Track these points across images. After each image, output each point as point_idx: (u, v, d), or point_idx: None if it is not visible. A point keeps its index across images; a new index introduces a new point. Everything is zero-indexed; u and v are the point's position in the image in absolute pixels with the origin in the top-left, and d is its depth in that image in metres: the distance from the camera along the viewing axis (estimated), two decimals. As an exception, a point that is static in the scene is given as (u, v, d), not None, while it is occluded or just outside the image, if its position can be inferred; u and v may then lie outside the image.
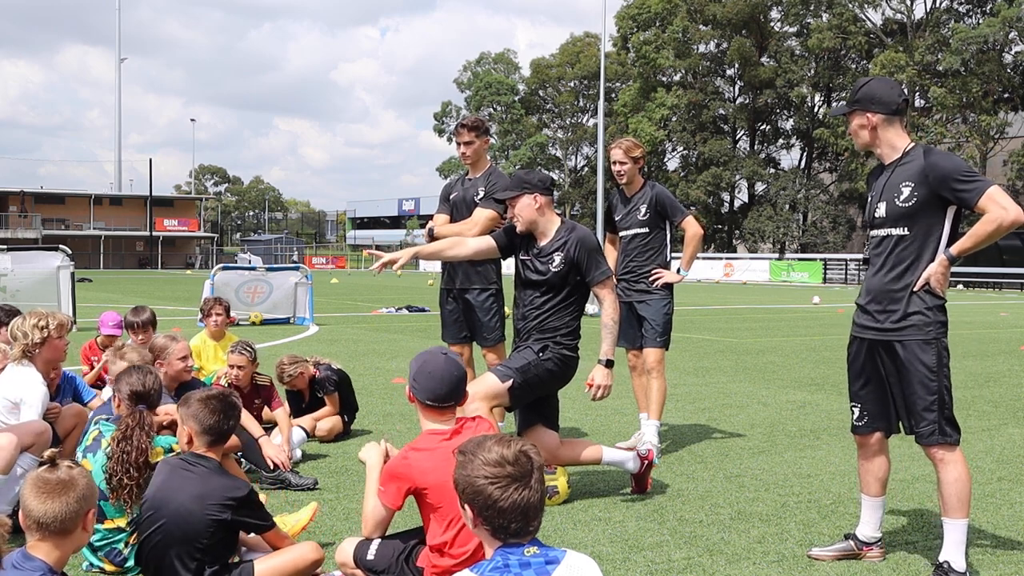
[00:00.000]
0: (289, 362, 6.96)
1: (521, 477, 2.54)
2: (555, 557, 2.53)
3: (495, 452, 2.58)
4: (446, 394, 3.70)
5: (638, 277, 6.65)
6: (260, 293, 17.48)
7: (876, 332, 4.22)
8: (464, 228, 6.39)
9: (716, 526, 4.86)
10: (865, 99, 4.20)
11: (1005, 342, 15.60)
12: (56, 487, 2.90)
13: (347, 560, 3.74)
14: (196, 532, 3.56)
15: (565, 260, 5.12)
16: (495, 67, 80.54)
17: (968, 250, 4.06)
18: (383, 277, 50.91)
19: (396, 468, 3.58)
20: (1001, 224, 3.95)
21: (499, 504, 2.52)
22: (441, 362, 3.75)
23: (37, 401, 4.67)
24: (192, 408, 3.75)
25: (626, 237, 6.75)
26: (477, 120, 6.63)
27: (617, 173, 6.69)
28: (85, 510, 2.96)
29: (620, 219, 6.78)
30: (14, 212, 72.19)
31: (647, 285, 6.61)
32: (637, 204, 6.70)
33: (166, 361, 5.51)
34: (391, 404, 8.49)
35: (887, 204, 4.19)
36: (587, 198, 74.30)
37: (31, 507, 2.89)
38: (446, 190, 6.84)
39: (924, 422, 4.10)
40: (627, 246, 6.73)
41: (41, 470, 2.98)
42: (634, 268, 6.68)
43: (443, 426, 3.69)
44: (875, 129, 4.21)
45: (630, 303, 6.63)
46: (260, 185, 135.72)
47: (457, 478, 2.61)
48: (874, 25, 59.08)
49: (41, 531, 2.89)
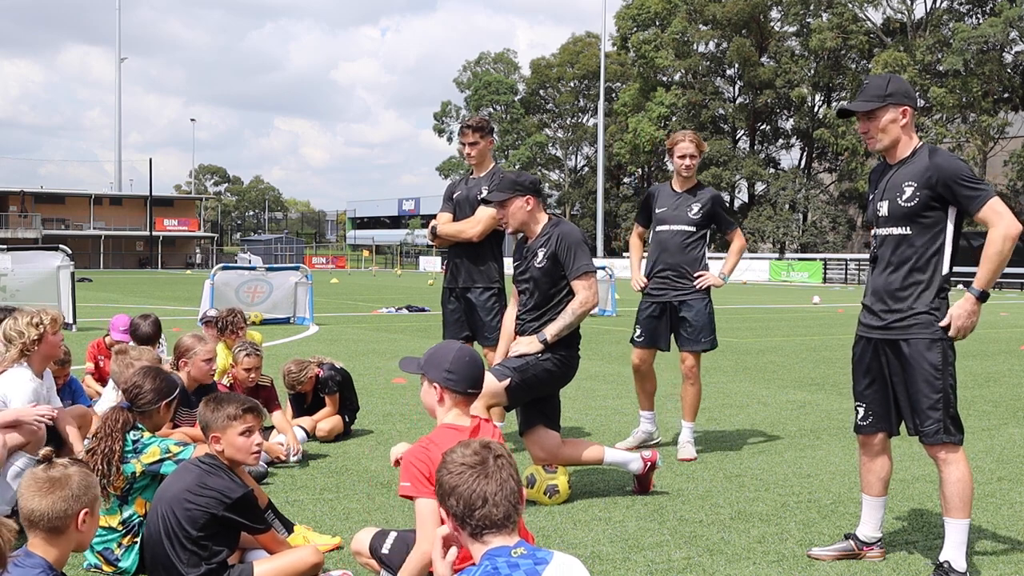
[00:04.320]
0: (297, 368, 6.92)
1: (478, 464, 2.66)
2: (543, 558, 2.54)
3: (456, 451, 2.73)
4: (481, 376, 3.72)
5: (680, 275, 6.42)
6: (260, 293, 17.47)
7: (881, 331, 4.21)
8: (466, 226, 6.41)
9: (716, 526, 4.86)
10: (899, 93, 4.14)
11: (1005, 342, 15.59)
12: (46, 484, 2.93)
13: (362, 549, 3.74)
14: (187, 520, 3.59)
15: (547, 255, 5.16)
16: (495, 67, 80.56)
17: (991, 280, 4.02)
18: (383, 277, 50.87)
19: (416, 457, 3.48)
20: (1010, 237, 3.95)
21: (461, 491, 2.62)
22: (467, 349, 3.76)
23: (20, 401, 4.65)
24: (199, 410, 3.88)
25: (666, 232, 6.46)
26: (482, 121, 6.63)
27: (684, 167, 6.39)
28: (76, 510, 2.94)
29: (663, 212, 6.47)
30: (14, 212, 72.20)
31: (689, 285, 6.41)
32: (689, 202, 6.44)
33: (191, 361, 5.53)
34: (391, 404, 8.48)
35: (889, 203, 4.18)
36: (587, 198, 74.33)
37: (23, 504, 2.95)
38: (449, 189, 6.83)
39: (929, 421, 4.09)
40: (667, 242, 6.44)
41: (38, 468, 3.00)
42: (675, 265, 6.42)
43: (463, 422, 3.63)
44: (905, 126, 4.16)
45: (666, 303, 6.45)
46: (260, 185, 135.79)
47: (436, 490, 2.72)
48: (874, 25, 59.07)
49: (33, 528, 2.93)
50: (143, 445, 4.12)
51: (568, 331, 5.15)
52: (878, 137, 4.19)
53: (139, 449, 4.10)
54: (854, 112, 4.22)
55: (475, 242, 6.47)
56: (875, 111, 4.16)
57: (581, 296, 5.15)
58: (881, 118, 4.16)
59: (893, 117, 4.15)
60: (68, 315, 15.18)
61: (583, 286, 5.15)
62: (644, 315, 6.55)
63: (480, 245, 6.50)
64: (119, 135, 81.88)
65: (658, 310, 6.45)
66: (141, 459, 4.08)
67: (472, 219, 6.41)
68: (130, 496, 4.11)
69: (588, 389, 9.42)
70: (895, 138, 4.18)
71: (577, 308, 5.13)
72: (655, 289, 6.49)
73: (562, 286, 5.20)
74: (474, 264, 6.49)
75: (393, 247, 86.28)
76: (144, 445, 4.12)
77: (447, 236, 6.55)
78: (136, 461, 4.07)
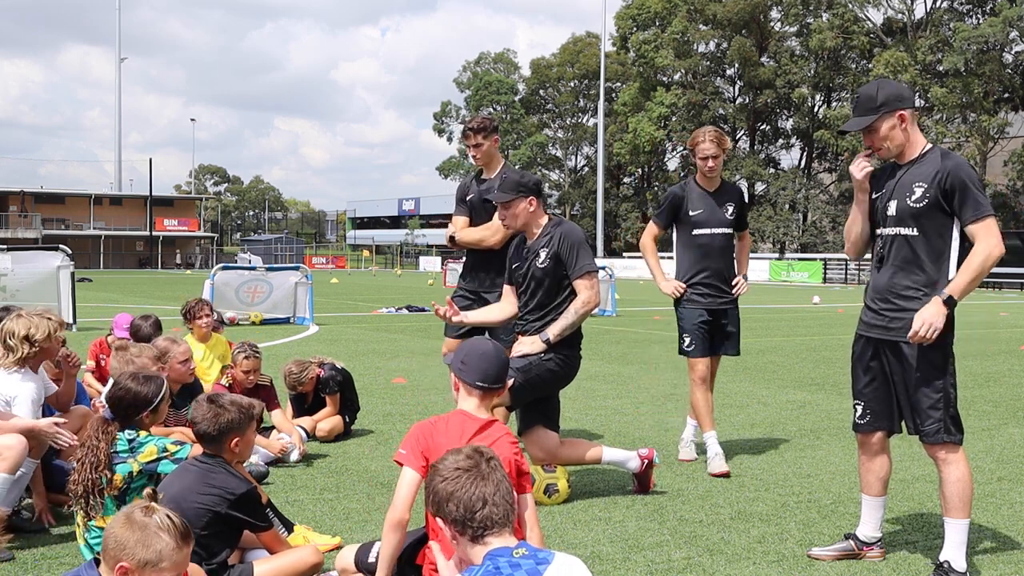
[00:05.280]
0: (298, 369, 6.91)
1: (473, 467, 2.71)
2: (545, 558, 2.56)
3: (448, 459, 2.79)
4: (496, 374, 3.76)
5: (725, 280, 6.20)
6: (260, 293, 17.47)
7: (882, 331, 4.21)
8: (487, 234, 6.21)
9: (716, 526, 4.86)
10: (892, 99, 4.13)
11: (1005, 342, 15.59)
12: (153, 539, 2.79)
13: (347, 566, 3.73)
14: (190, 518, 3.56)
15: (550, 255, 5.15)
16: (495, 67, 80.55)
17: (966, 291, 4.01)
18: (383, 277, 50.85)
19: (422, 431, 3.58)
20: (993, 257, 3.97)
21: (459, 496, 2.65)
22: (491, 345, 3.88)
23: (27, 398, 4.66)
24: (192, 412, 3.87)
25: (707, 236, 6.16)
26: (483, 120, 6.34)
27: (708, 168, 6.08)
28: (160, 564, 2.80)
29: (700, 215, 6.15)
30: (14, 212, 72.19)
31: (731, 292, 6.23)
32: (723, 202, 6.19)
33: (167, 364, 5.52)
34: (391, 404, 8.48)
35: (898, 203, 4.17)
36: (587, 198, 74.31)
37: (134, 552, 2.76)
38: (461, 191, 6.57)
39: (930, 420, 4.09)
40: (708, 246, 6.16)
41: (138, 511, 2.85)
42: (720, 270, 6.18)
43: (479, 414, 3.71)
44: (906, 128, 4.16)
45: (714, 309, 6.18)
46: (260, 185, 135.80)
47: (428, 497, 2.77)
48: (875, 25, 59.07)
49: (114, 562, 2.78)
50: (139, 444, 4.08)
51: (571, 331, 5.14)
52: (884, 147, 4.19)
53: (135, 448, 4.07)
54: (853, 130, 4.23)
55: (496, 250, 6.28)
56: (871, 125, 4.16)
57: (583, 296, 5.15)
58: (880, 129, 4.15)
59: (891, 124, 4.14)
60: (68, 315, 15.18)
61: (585, 286, 5.16)
62: (694, 323, 6.16)
63: (500, 251, 6.29)
64: (119, 135, 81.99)
65: (708, 316, 6.17)
66: (138, 458, 4.04)
67: (492, 226, 6.15)
68: (128, 496, 4.09)
69: (588, 389, 9.42)
70: (900, 143, 4.17)
71: (580, 308, 5.13)
72: (700, 295, 6.16)
73: (564, 286, 5.20)
74: (492, 268, 6.21)
75: (393, 247, 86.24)
76: (140, 444, 4.08)
77: (466, 244, 6.35)
78: (133, 460, 4.02)
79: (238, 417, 3.85)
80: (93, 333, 8.32)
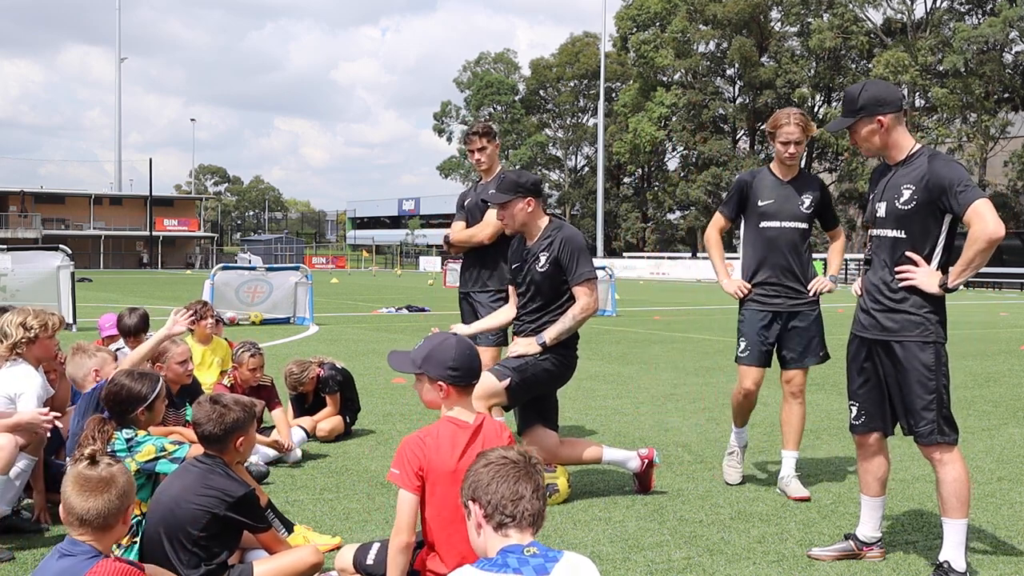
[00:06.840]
0: (299, 369, 6.92)
1: (520, 463, 2.78)
2: (554, 556, 2.63)
3: (499, 450, 2.86)
4: (479, 363, 3.67)
5: (794, 279, 5.51)
6: (260, 293, 17.48)
7: (875, 332, 4.23)
8: (477, 231, 6.34)
9: (716, 526, 4.86)
10: (871, 103, 4.14)
11: (1005, 342, 15.60)
12: (98, 484, 3.03)
13: (346, 566, 3.73)
14: (188, 519, 3.58)
15: (550, 260, 5.14)
16: (495, 67, 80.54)
17: (963, 276, 4.03)
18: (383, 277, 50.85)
19: (411, 448, 3.46)
20: (989, 239, 3.92)
21: (503, 487, 2.72)
22: (464, 342, 3.66)
23: (33, 393, 4.65)
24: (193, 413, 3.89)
25: (775, 230, 5.48)
26: (487, 126, 6.55)
27: (788, 155, 5.42)
28: (126, 506, 3.09)
29: (769, 205, 5.49)
30: (14, 212, 72.19)
31: (803, 292, 5.55)
32: (800, 193, 5.51)
33: (165, 365, 5.50)
34: (391, 404, 8.48)
35: (887, 204, 4.20)
36: (587, 198, 74.31)
37: (73, 504, 3.02)
38: (461, 198, 6.76)
39: (923, 421, 4.10)
40: (777, 240, 5.48)
41: (82, 467, 3.07)
42: (788, 268, 5.50)
43: (467, 417, 3.55)
44: (887, 131, 4.16)
45: (778, 312, 5.53)
46: (260, 185, 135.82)
47: (466, 481, 2.81)
48: (875, 25, 59.08)
49: (83, 527, 3.02)
50: (137, 443, 4.08)
51: (567, 335, 5.15)
52: (864, 147, 4.27)
53: (133, 448, 4.06)
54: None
55: (487, 244, 6.41)
56: (851, 127, 4.20)
57: (582, 302, 5.15)
58: (860, 132, 4.19)
59: (871, 129, 4.16)
60: (68, 315, 15.18)
61: (584, 292, 5.16)
62: (754, 326, 5.55)
63: (491, 248, 6.40)
64: (119, 135, 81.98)
65: (769, 319, 5.53)
66: (136, 458, 4.03)
67: (482, 223, 6.34)
68: None
69: (588, 389, 9.42)
70: (879, 146, 4.20)
71: (578, 314, 5.14)
72: (763, 295, 5.53)
73: (563, 290, 5.20)
74: (485, 267, 6.39)
75: (393, 247, 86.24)
76: (138, 443, 4.08)
77: (459, 243, 6.50)
78: (131, 460, 4.01)
79: (242, 416, 3.85)
80: (93, 333, 8.32)
